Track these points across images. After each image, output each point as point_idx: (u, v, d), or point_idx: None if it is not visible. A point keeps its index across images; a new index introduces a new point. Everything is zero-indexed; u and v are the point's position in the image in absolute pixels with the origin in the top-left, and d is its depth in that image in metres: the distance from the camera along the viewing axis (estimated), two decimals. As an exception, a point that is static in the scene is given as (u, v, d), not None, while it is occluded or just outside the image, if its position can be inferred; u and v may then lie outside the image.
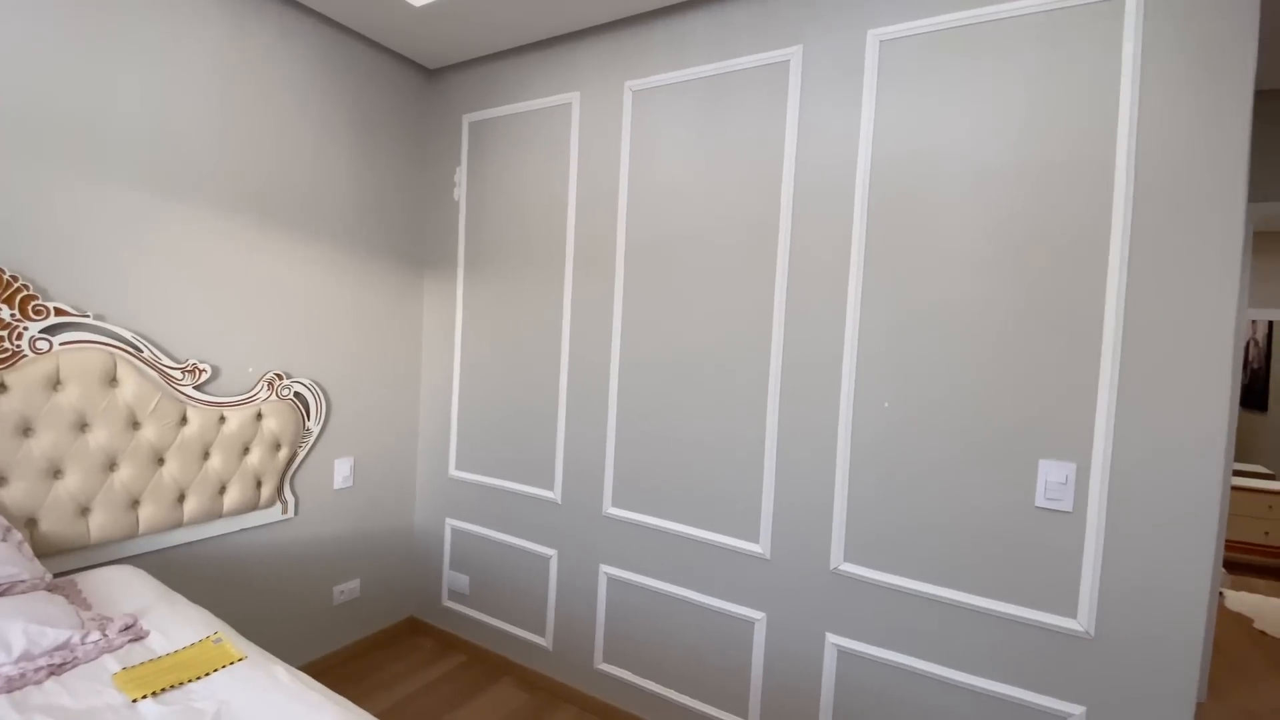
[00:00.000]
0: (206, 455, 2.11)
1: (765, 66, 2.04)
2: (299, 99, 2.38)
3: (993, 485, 1.72)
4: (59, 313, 1.78)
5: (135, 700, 1.22)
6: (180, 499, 2.06)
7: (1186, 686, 1.51)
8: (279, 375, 2.34)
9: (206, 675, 1.32)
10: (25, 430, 1.73)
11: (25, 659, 1.27)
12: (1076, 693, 1.63)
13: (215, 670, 1.34)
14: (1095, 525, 1.59)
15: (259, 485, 2.28)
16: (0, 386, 1.69)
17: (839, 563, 1.94)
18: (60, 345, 1.78)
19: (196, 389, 2.10)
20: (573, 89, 2.46)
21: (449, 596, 2.91)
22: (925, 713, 1.82)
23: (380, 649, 2.83)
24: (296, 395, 2.41)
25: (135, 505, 1.95)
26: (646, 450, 2.31)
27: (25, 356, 1.72)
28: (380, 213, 2.73)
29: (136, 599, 1.60)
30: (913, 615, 1.84)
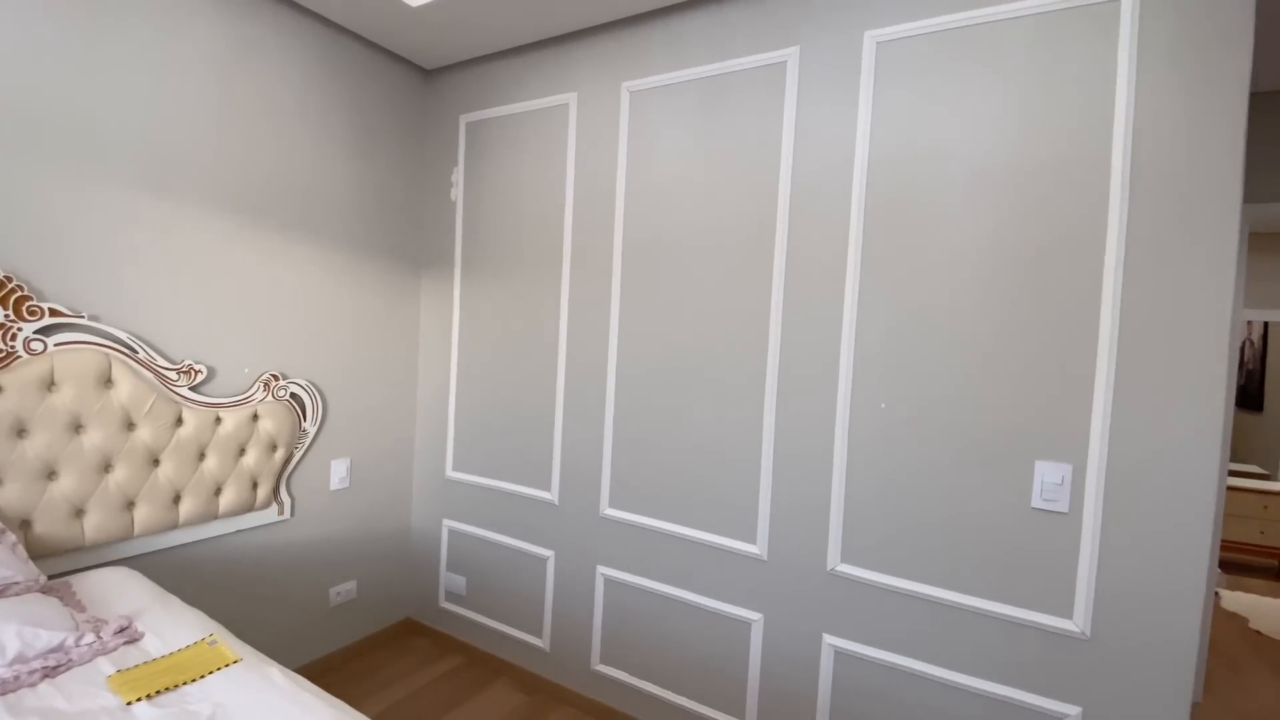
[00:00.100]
0: (202, 456, 2.11)
1: (762, 68, 2.04)
2: (296, 99, 2.38)
3: (989, 486, 1.72)
4: (53, 313, 1.77)
5: (130, 703, 1.22)
6: (176, 500, 2.05)
7: (1182, 687, 1.51)
8: (275, 376, 2.33)
9: (201, 678, 1.32)
10: (19, 431, 1.72)
11: (19, 661, 1.27)
12: (1072, 693, 1.63)
13: (210, 672, 1.34)
14: (1091, 526, 1.59)
15: (255, 486, 2.27)
16: (-6, 388, 1.68)
17: (836, 564, 1.94)
18: (55, 346, 1.78)
19: (192, 390, 2.09)
20: (570, 90, 2.46)
21: (446, 598, 2.90)
22: (922, 713, 1.83)
23: (377, 650, 2.82)
24: (293, 396, 2.40)
25: (130, 507, 1.95)
26: (643, 451, 2.31)
27: (19, 358, 1.72)
28: (377, 213, 2.72)
29: (131, 601, 1.60)
30: (909, 616, 1.84)
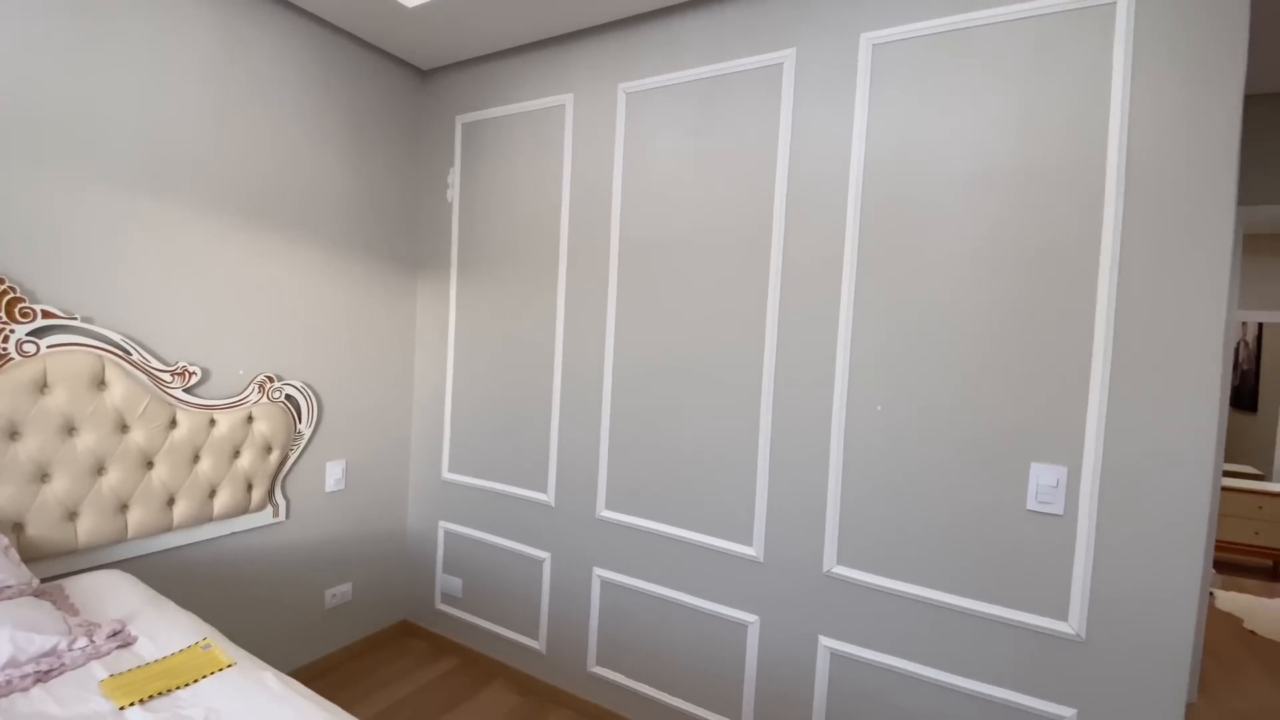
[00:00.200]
0: (196, 458, 2.10)
1: (759, 69, 2.04)
2: (291, 99, 2.37)
3: (985, 488, 1.72)
4: (46, 315, 1.76)
5: (123, 708, 1.21)
6: (170, 503, 2.04)
7: (1176, 688, 1.52)
8: (270, 378, 2.32)
9: (195, 682, 1.31)
10: (12, 434, 1.71)
11: (11, 666, 1.26)
12: (1068, 695, 1.63)
13: (204, 677, 1.33)
14: (1086, 528, 1.60)
15: (250, 488, 2.26)
16: (-14, 390, 1.67)
17: (832, 566, 1.94)
18: (47, 348, 1.77)
19: (186, 392, 2.09)
20: (566, 91, 2.46)
21: (442, 599, 2.89)
22: (917, 715, 1.83)
23: (372, 652, 2.82)
24: (288, 398, 2.39)
25: (124, 509, 1.94)
26: (640, 453, 2.30)
27: (12, 360, 1.71)
28: (373, 214, 2.72)
29: (125, 604, 1.60)
30: (905, 618, 1.84)
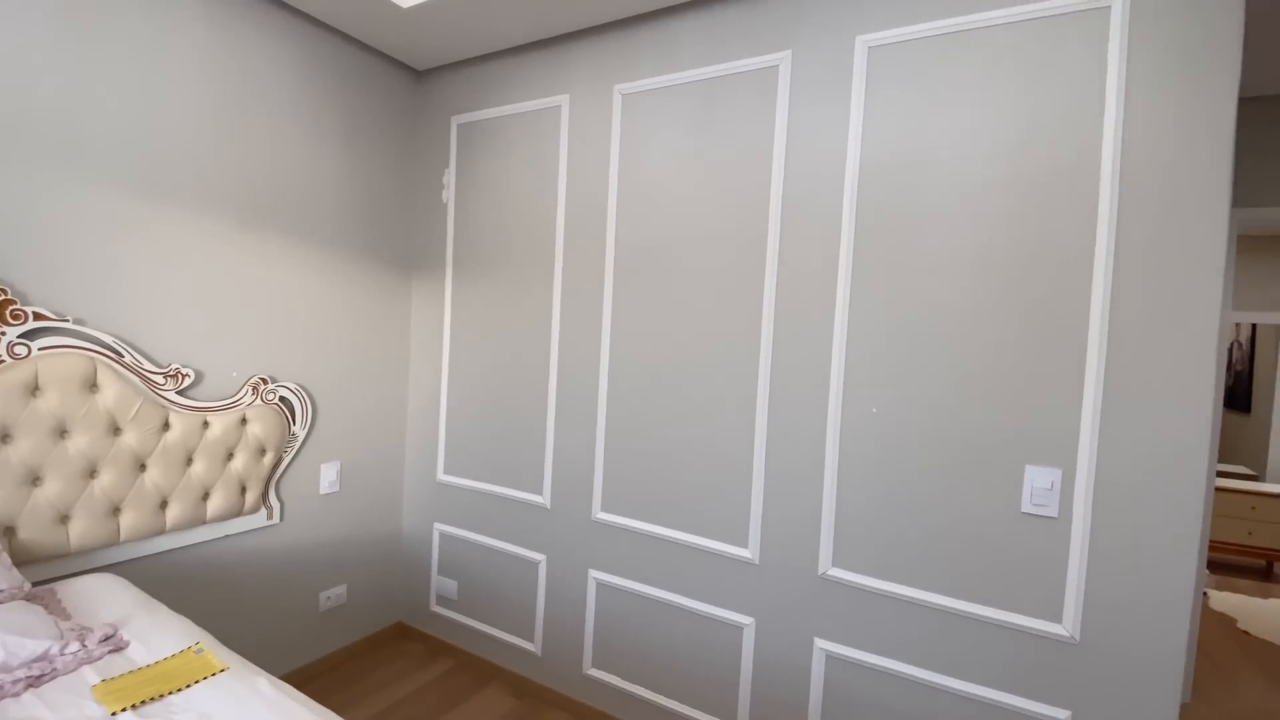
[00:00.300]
0: (189, 461, 2.09)
1: (754, 71, 2.04)
2: (287, 99, 2.36)
3: (979, 491, 1.72)
4: (38, 317, 1.75)
5: (115, 713, 1.20)
6: (162, 506, 2.03)
7: (1171, 688, 1.52)
8: (264, 379, 2.31)
9: (187, 687, 1.30)
10: (3, 437, 1.70)
11: (3, 671, 1.25)
12: (1062, 697, 1.64)
13: (196, 682, 1.32)
14: (1080, 531, 1.60)
15: (243, 491, 2.25)
16: (-23, 393, 1.66)
17: (827, 568, 1.94)
18: (39, 350, 1.75)
19: (179, 394, 2.07)
20: (562, 92, 2.46)
21: (437, 602, 2.89)
22: (913, 718, 1.83)
23: (367, 655, 2.81)
24: (282, 400, 2.38)
25: (116, 512, 1.92)
26: (636, 455, 2.30)
27: (3, 362, 1.69)
28: (368, 214, 2.71)
29: (117, 608, 1.58)
30: (900, 620, 1.84)
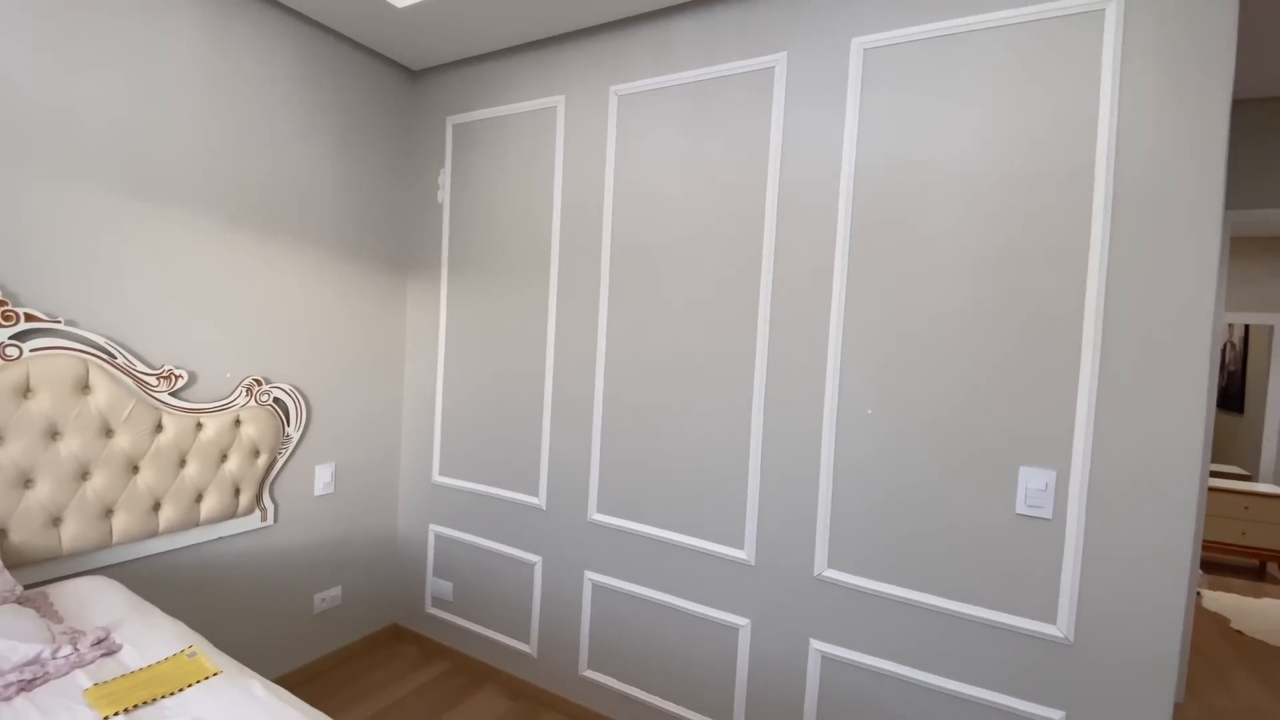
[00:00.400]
0: (183, 463, 2.08)
1: (750, 73, 2.04)
2: (281, 99, 2.35)
3: (974, 492, 1.73)
4: (29, 318, 1.74)
5: (107, 718, 1.19)
6: (155, 508, 2.02)
7: (1164, 689, 1.53)
8: (258, 381, 2.30)
9: (180, 691, 1.30)
10: (-6, 439, 1.69)
11: (-7, 675, 1.24)
12: (1056, 698, 1.64)
13: (190, 685, 1.31)
14: (1074, 532, 1.60)
15: (237, 493, 2.24)
16: (-32, 394, 1.65)
17: (823, 569, 1.94)
18: (31, 352, 1.74)
19: (172, 395, 2.06)
20: (558, 92, 2.45)
21: (432, 603, 2.88)
22: (908, 718, 1.83)
23: (362, 657, 2.80)
24: (276, 401, 2.37)
25: (109, 515, 1.91)
26: (632, 456, 2.30)
27: (-6, 363, 1.69)
28: (363, 215, 2.70)
29: (110, 611, 1.58)
30: (895, 621, 1.84)
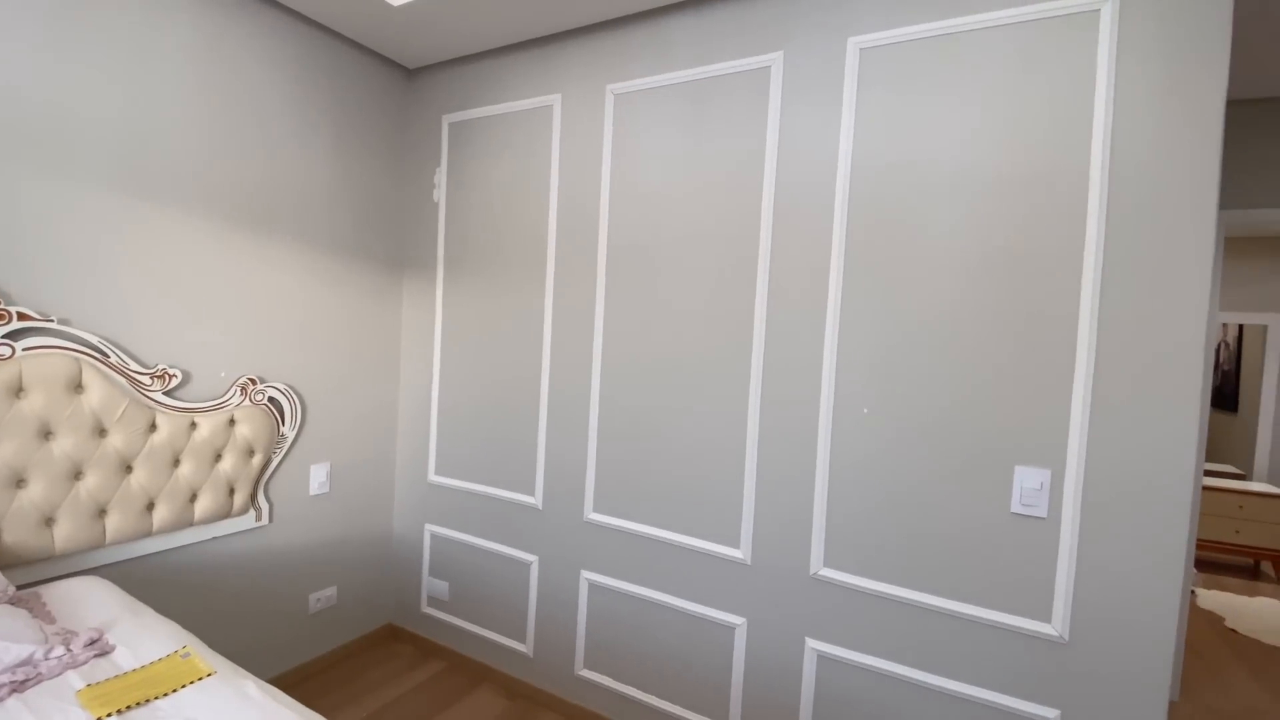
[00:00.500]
0: (177, 462, 2.07)
1: (746, 72, 2.04)
2: (276, 97, 2.34)
3: (970, 491, 1.73)
4: (22, 317, 1.73)
5: (100, 719, 1.19)
6: (149, 508, 2.01)
7: (1159, 687, 1.53)
8: (253, 380, 2.29)
9: (174, 691, 1.29)
10: (-14, 438, 1.68)
11: (-15, 676, 1.23)
12: (1051, 696, 1.65)
13: (183, 686, 1.31)
14: (1069, 531, 1.61)
15: (231, 493, 2.23)
16: (-41, 394, 1.64)
17: (819, 568, 1.94)
18: (23, 351, 1.73)
19: (166, 395, 2.05)
20: (554, 91, 2.45)
21: (428, 603, 2.87)
22: (903, 717, 1.83)
23: (358, 657, 2.79)
24: (271, 400, 2.36)
25: (102, 514, 1.90)
26: (628, 455, 2.30)
27: (-14, 363, 1.67)
28: (358, 213, 2.69)
29: (103, 611, 1.57)
30: (891, 620, 1.84)
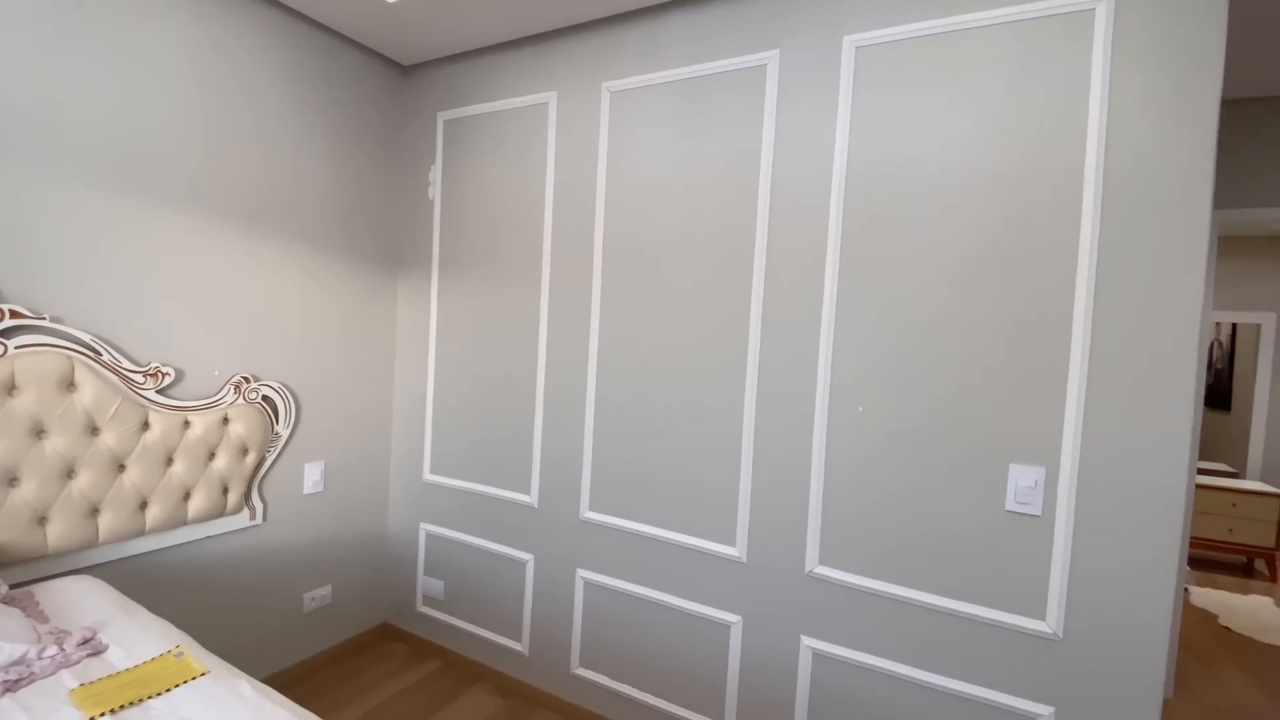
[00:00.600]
0: (170, 461, 2.06)
1: (742, 70, 2.04)
2: (270, 94, 2.33)
3: (964, 490, 1.73)
4: (14, 315, 1.72)
5: (93, 718, 1.18)
6: (142, 506, 2.00)
7: (1153, 684, 1.54)
8: (246, 378, 2.29)
9: (167, 691, 1.28)
10: (-23, 437, 1.67)
11: (-23, 676, 1.23)
12: (1045, 693, 1.65)
13: (177, 685, 1.30)
14: (1063, 528, 1.61)
15: (225, 491, 2.22)
16: (-50, 392, 1.63)
17: (814, 566, 1.95)
18: (15, 349, 1.72)
19: (159, 393, 2.04)
20: (550, 88, 2.44)
21: (423, 602, 2.87)
22: (898, 714, 1.84)
23: (353, 656, 2.78)
24: (265, 399, 2.35)
25: (95, 513, 1.89)
26: (624, 453, 2.30)
27: (-23, 361, 1.66)
28: (353, 211, 2.68)
29: (96, 611, 1.56)
30: (886, 618, 1.85)
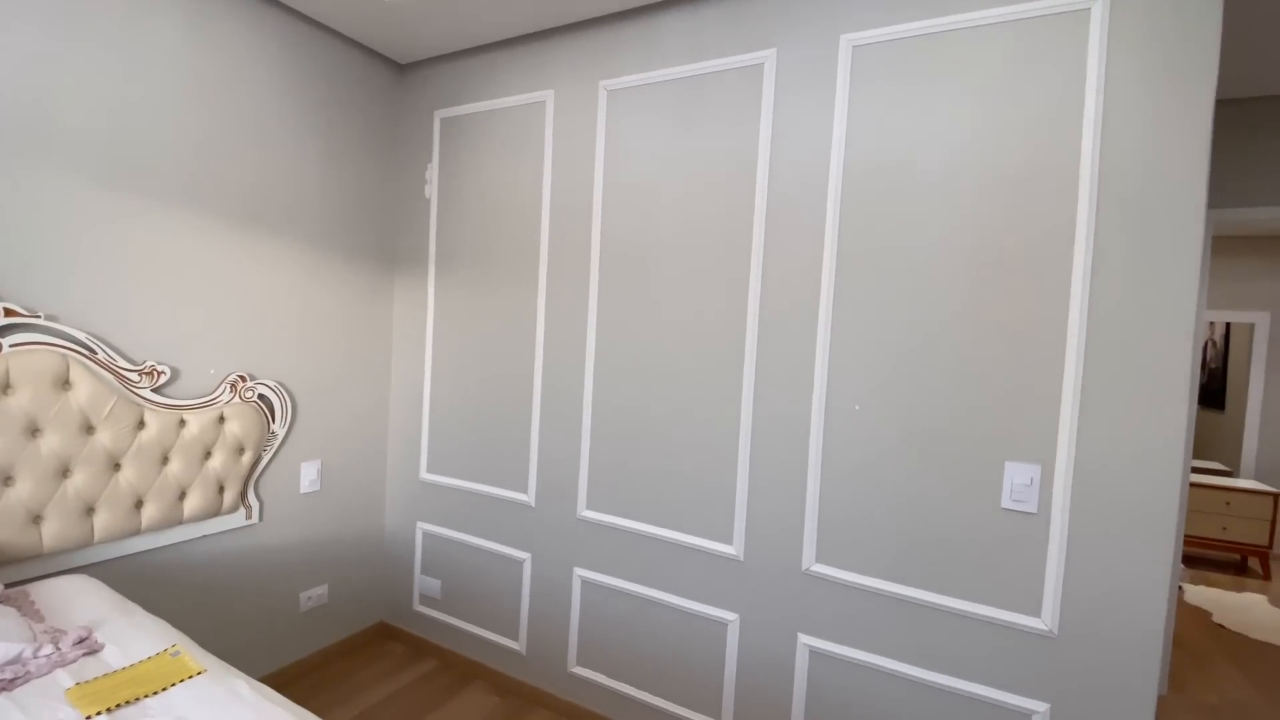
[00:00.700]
0: (165, 460, 2.05)
1: (739, 69, 2.04)
2: (266, 93, 2.32)
3: (960, 487, 1.74)
4: (9, 313, 1.71)
5: (89, 717, 1.18)
6: (138, 505, 1.99)
7: (1147, 681, 1.54)
8: (242, 377, 2.28)
9: (164, 690, 1.28)
10: (-28, 436, 1.66)
11: (-28, 675, 1.22)
12: (1041, 690, 1.66)
13: (173, 684, 1.30)
14: (1059, 526, 1.62)
15: (221, 490, 2.22)
16: (-55, 391, 1.62)
17: (811, 564, 1.95)
18: (10, 347, 1.71)
19: (155, 392, 2.04)
20: (547, 87, 2.44)
21: (420, 601, 2.86)
22: (895, 711, 1.84)
23: (349, 655, 2.78)
24: (261, 398, 2.35)
25: (90, 513, 1.89)
26: (621, 452, 2.30)
27: (-28, 359, 1.66)
28: (349, 210, 2.67)
29: (91, 610, 1.56)
30: (882, 615, 1.85)
